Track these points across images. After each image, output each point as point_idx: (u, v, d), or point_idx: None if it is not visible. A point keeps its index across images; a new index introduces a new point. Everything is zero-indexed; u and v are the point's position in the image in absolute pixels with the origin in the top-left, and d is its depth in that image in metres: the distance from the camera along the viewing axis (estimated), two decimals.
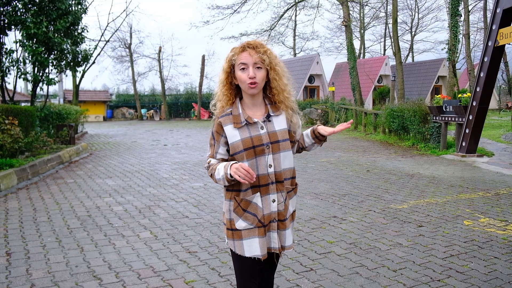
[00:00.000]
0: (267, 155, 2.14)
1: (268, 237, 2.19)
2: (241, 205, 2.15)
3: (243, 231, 2.15)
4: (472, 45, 31.37)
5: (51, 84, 12.03)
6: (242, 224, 2.16)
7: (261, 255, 2.14)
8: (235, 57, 2.13)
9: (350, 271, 3.79)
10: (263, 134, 2.14)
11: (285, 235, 2.22)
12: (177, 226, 5.15)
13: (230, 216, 2.19)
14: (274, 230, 2.19)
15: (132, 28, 38.48)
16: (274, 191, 2.16)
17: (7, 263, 3.95)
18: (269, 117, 2.19)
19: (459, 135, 11.29)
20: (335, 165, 9.86)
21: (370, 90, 31.79)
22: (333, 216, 5.55)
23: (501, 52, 10.55)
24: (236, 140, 2.13)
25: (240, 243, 2.16)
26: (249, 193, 2.14)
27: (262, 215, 2.15)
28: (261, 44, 2.14)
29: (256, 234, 2.14)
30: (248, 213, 2.14)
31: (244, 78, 2.11)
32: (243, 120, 2.14)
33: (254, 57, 2.10)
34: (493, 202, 6.26)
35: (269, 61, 2.13)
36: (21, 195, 6.87)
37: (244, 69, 2.11)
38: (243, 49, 2.13)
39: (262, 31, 32.03)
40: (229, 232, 2.21)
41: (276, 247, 2.20)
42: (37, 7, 10.90)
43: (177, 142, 16.13)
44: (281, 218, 2.20)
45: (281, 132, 2.18)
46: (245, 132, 2.13)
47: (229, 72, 2.17)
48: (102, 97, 38.14)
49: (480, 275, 3.69)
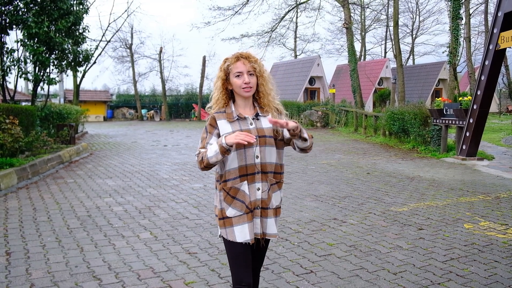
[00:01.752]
0: (255, 146, 2.39)
1: (253, 223, 2.43)
2: (230, 193, 2.40)
3: (233, 218, 2.40)
4: (473, 48, 31.37)
5: (52, 83, 12.03)
6: (232, 211, 2.41)
7: (249, 239, 2.39)
8: (231, 66, 2.44)
9: (350, 273, 3.79)
10: (252, 128, 2.42)
11: (267, 223, 2.46)
12: (177, 227, 5.15)
13: (221, 206, 2.44)
14: (258, 216, 2.44)
15: (133, 28, 38.48)
16: (259, 180, 2.42)
17: (6, 262, 3.95)
18: (257, 116, 2.48)
19: (460, 138, 11.29)
20: (335, 167, 9.86)
21: (371, 93, 31.78)
22: (333, 218, 5.54)
23: (502, 55, 10.56)
24: (228, 132, 2.39)
25: (231, 230, 2.40)
26: (237, 181, 2.40)
27: (249, 201, 2.41)
28: (251, 55, 2.47)
29: (246, 220, 2.40)
30: (237, 200, 2.40)
31: (239, 83, 2.42)
32: (235, 115, 2.44)
33: (247, 65, 2.43)
34: (493, 206, 6.26)
35: (259, 69, 2.46)
36: (21, 194, 6.86)
37: (239, 76, 2.42)
38: (237, 59, 2.44)
39: (263, 32, 32.10)
40: (221, 222, 2.45)
41: (258, 232, 2.44)
42: (39, 6, 10.91)
43: (177, 142, 16.13)
44: (264, 206, 2.45)
45: (268, 130, 2.45)
46: (236, 126, 2.41)
47: (225, 80, 2.47)
48: (103, 97, 38.12)
49: (481, 279, 3.68)
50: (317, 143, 15.46)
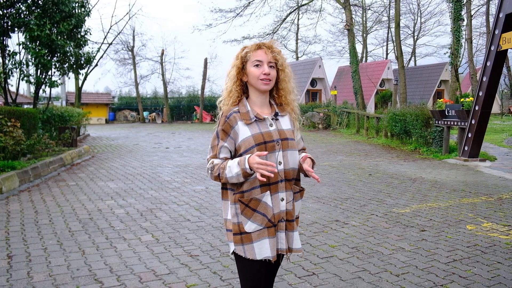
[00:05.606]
0: (277, 151, 2.11)
1: (276, 238, 2.15)
2: (250, 205, 2.09)
3: (253, 234, 2.09)
4: (475, 49, 31.37)
5: (54, 86, 12.06)
6: (252, 226, 2.09)
7: (271, 256, 2.09)
8: (250, 53, 2.15)
9: (353, 275, 3.77)
10: (272, 130, 2.14)
11: (293, 237, 2.19)
12: (179, 229, 5.14)
13: (238, 220, 2.12)
14: (282, 230, 2.15)
15: (135, 31, 38.86)
16: (283, 190, 2.14)
17: (8, 266, 3.94)
18: (276, 116, 2.20)
19: (462, 140, 11.26)
20: (337, 169, 9.84)
21: (372, 94, 31.77)
22: (335, 220, 5.53)
23: (504, 56, 10.54)
24: (247, 136, 2.10)
25: (251, 247, 2.09)
26: (257, 192, 2.09)
27: (272, 214, 2.10)
28: (275, 46, 2.19)
29: (266, 235, 2.10)
30: (258, 213, 2.09)
31: (258, 73, 2.12)
32: (252, 116, 2.13)
33: (269, 55, 2.14)
34: (496, 207, 6.23)
35: (281, 62, 2.17)
36: (23, 197, 6.87)
37: (259, 66, 2.13)
38: (259, 47, 2.16)
39: (264, 34, 32.09)
40: (237, 237, 2.12)
41: (283, 248, 2.15)
42: (41, 9, 10.94)
43: (179, 145, 16.13)
44: (289, 218, 2.17)
45: (289, 131, 2.20)
46: (255, 128, 2.11)
47: (241, 68, 2.18)
48: (105, 99, 38.17)
49: (483, 280, 3.66)
50: (318, 145, 15.46)
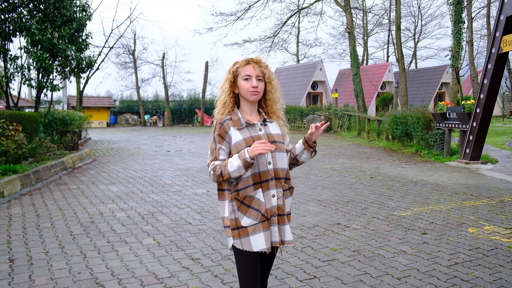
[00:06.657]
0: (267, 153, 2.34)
1: (270, 231, 2.37)
2: (245, 202, 2.34)
3: (249, 228, 2.33)
4: (476, 52, 31.40)
5: (55, 90, 12.08)
6: (247, 221, 2.34)
7: (266, 248, 2.32)
8: (240, 68, 2.43)
9: (354, 278, 3.77)
10: (261, 134, 2.41)
11: (285, 230, 2.41)
12: (180, 232, 5.14)
13: (235, 216, 2.36)
14: (275, 224, 2.38)
15: (136, 34, 38.76)
16: (274, 187, 2.39)
17: (10, 269, 3.95)
18: (265, 122, 2.48)
19: (463, 142, 11.25)
20: (338, 172, 9.84)
21: (373, 97, 31.76)
22: (336, 223, 5.52)
23: (505, 59, 10.55)
24: (239, 140, 2.35)
25: (247, 240, 2.32)
26: (250, 190, 2.35)
27: (264, 209, 2.35)
28: (262, 61, 2.47)
29: (261, 229, 2.33)
30: (252, 208, 2.33)
31: (247, 86, 2.40)
32: (243, 122, 2.40)
33: (257, 70, 2.42)
34: (497, 210, 6.22)
35: (268, 75, 2.45)
36: (25, 201, 6.88)
37: (248, 80, 2.41)
38: (248, 62, 2.44)
39: (265, 37, 32.18)
40: (235, 232, 2.36)
41: (277, 240, 2.37)
42: (42, 13, 10.98)
43: (180, 148, 16.14)
44: (281, 212, 2.41)
45: (277, 135, 2.47)
46: (246, 133, 2.38)
47: (233, 82, 2.45)
48: (106, 103, 38.22)
49: (485, 284, 3.65)
50: (320, 147, 15.45)
